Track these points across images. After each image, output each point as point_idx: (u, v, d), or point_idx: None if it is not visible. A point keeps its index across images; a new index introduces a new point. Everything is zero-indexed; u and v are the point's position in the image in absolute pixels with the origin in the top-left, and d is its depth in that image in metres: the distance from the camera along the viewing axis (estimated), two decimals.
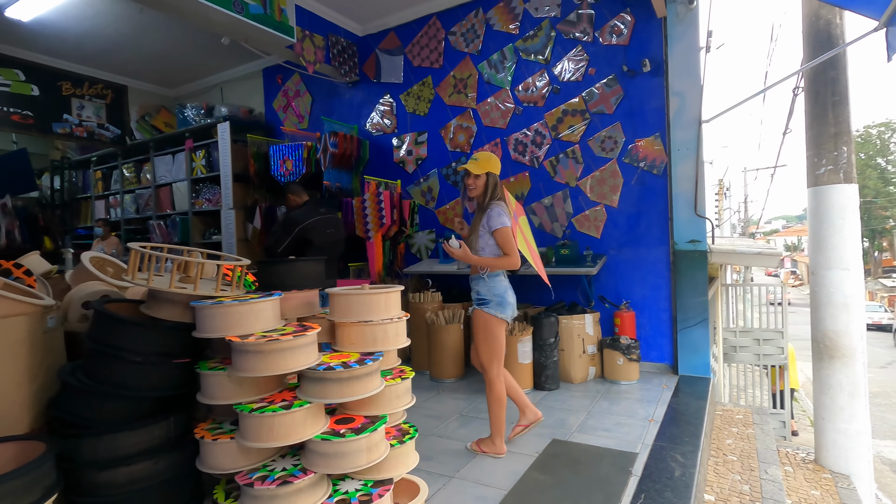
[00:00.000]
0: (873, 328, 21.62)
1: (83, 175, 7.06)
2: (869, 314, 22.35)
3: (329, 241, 3.17)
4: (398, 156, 4.76)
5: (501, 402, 2.32)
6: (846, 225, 3.09)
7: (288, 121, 5.52)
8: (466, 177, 2.32)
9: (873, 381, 9.82)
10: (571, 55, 3.88)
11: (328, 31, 4.58)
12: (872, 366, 11.68)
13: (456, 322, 3.67)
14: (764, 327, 5.03)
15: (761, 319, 5.03)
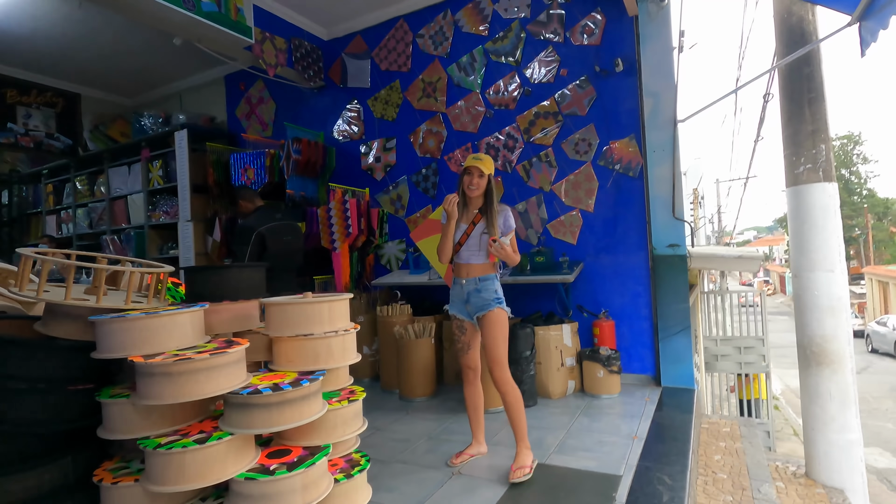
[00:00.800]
0: None
1: (34, 189, 6.65)
2: None
3: (286, 250, 2.92)
4: (366, 163, 4.55)
5: (522, 404, 2.24)
6: (828, 225, 2.98)
7: (251, 128, 5.27)
8: (469, 174, 2.22)
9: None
10: (542, 56, 3.75)
11: (291, 33, 4.38)
12: None
13: (426, 336, 3.44)
14: (744, 335, 4.93)
15: (741, 327, 4.94)
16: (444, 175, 4.17)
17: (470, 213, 2.28)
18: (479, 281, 2.25)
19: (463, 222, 2.27)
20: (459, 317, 2.31)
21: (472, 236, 2.25)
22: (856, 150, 31.07)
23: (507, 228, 2.26)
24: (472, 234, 2.25)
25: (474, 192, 2.21)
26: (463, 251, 2.26)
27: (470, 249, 2.25)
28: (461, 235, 2.26)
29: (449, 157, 4.14)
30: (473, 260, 2.25)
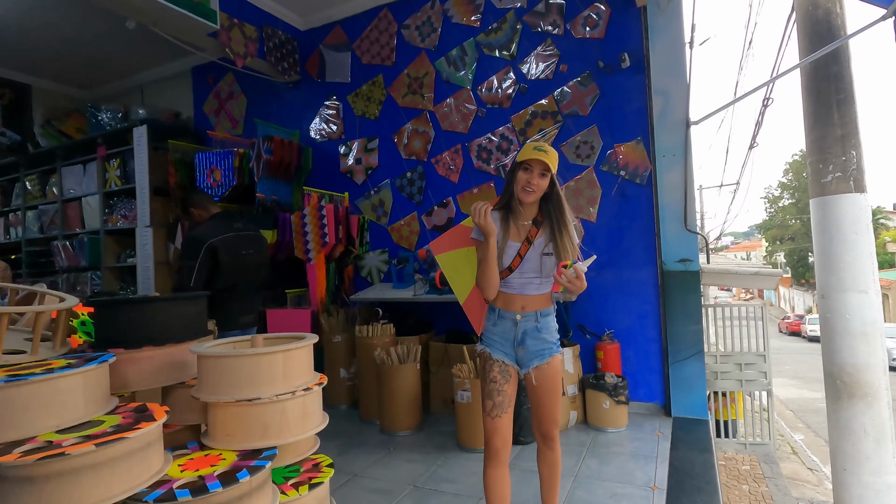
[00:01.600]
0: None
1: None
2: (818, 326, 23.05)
3: (245, 266, 2.50)
4: (345, 164, 4.15)
5: None
6: (860, 240, 2.71)
7: (220, 125, 4.83)
8: (527, 171, 1.66)
9: None
10: (540, 50, 3.41)
11: (262, 21, 3.97)
12: None
13: (411, 361, 3.06)
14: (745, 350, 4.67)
15: (741, 342, 4.67)
16: (431, 179, 3.80)
17: (520, 225, 1.71)
18: (539, 317, 1.71)
19: (512, 239, 1.70)
20: (506, 362, 1.71)
21: (527, 259, 1.68)
22: None
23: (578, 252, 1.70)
24: (527, 257, 1.68)
25: (531, 195, 1.65)
26: (514, 279, 1.70)
27: (525, 276, 1.70)
28: (513, 258, 1.68)
29: (436, 160, 3.77)
30: (531, 290, 1.70)
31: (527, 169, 1.66)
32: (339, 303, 3.92)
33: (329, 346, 3.58)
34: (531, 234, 1.70)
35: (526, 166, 1.66)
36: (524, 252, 1.69)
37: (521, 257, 1.69)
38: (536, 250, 1.70)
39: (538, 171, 1.65)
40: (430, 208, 3.79)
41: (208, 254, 2.30)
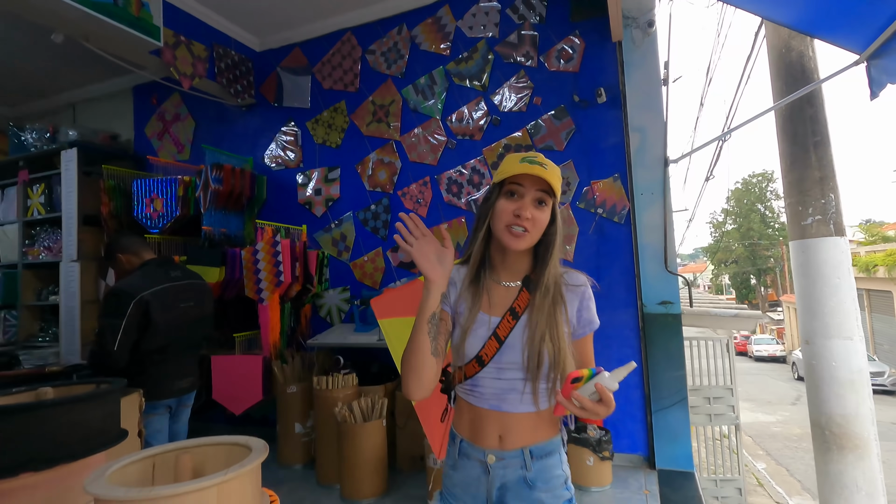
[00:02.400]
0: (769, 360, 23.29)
1: None
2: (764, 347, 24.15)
3: (183, 321, 2.14)
4: (304, 195, 3.85)
5: None
6: (842, 285, 2.67)
7: (163, 150, 4.42)
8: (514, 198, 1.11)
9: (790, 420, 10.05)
10: (513, 82, 3.28)
11: (214, 40, 3.66)
12: (782, 402, 12.14)
13: (376, 417, 2.74)
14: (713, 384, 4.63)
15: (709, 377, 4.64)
16: (398, 212, 3.54)
17: (499, 287, 1.16)
18: (530, 459, 1.07)
19: (484, 309, 1.13)
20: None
21: (509, 347, 1.10)
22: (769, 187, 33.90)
23: (590, 323, 1.17)
24: (509, 342, 1.10)
25: (522, 239, 1.09)
26: (484, 380, 1.11)
27: (506, 376, 1.09)
28: (484, 342, 1.10)
29: (403, 193, 3.53)
30: (516, 405, 1.09)
31: (512, 194, 1.09)
32: (294, 346, 3.56)
33: (283, 398, 3.20)
34: (519, 301, 1.11)
35: (511, 189, 1.09)
36: (505, 333, 1.09)
37: (499, 342, 1.08)
38: (527, 331, 1.09)
39: (532, 195, 1.08)
40: (397, 244, 3.53)
41: (138, 310, 1.94)
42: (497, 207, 1.11)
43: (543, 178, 1.06)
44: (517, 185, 1.10)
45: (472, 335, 1.12)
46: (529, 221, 1.08)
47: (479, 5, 3.38)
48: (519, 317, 1.12)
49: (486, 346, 1.10)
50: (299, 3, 3.57)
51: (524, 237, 1.09)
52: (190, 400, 2.24)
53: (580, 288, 1.18)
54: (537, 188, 1.10)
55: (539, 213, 1.10)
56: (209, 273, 3.38)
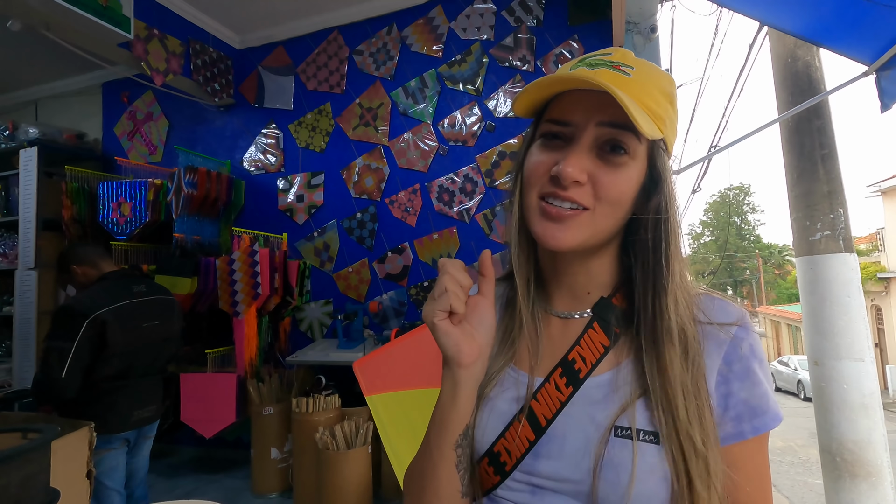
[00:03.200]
0: None
1: None
2: None
3: (146, 343, 1.91)
4: (285, 202, 3.62)
5: None
6: (853, 303, 2.57)
7: (134, 151, 4.14)
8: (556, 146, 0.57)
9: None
10: (509, 87, 3.14)
11: (190, 35, 3.44)
12: None
13: (360, 443, 2.53)
14: None
15: None
16: (385, 221, 3.35)
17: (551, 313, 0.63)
18: None
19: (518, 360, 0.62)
20: None
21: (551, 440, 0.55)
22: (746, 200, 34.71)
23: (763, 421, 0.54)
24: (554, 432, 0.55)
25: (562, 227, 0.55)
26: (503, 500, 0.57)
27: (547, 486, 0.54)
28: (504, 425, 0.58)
29: (391, 200, 3.34)
30: None
31: (552, 137, 0.57)
32: (272, 363, 3.32)
33: (258, 420, 2.96)
34: (584, 349, 0.58)
35: (548, 129, 0.58)
36: (549, 411, 0.56)
37: (536, 429, 0.56)
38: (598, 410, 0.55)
39: (592, 136, 0.55)
40: (384, 254, 3.33)
41: (92, 331, 1.70)
42: (526, 165, 0.59)
43: (615, 93, 0.48)
44: (555, 123, 0.56)
45: (489, 407, 0.59)
46: (582, 190, 0.53)
47: (473, 6, 3.23)
48: (581, 380, 0.56)
49: (509, 434, 0.56)
50: (283, 0, 3.38)
51: (573, 221, 0.54)
52: (152, 431, 2.00)
53: (730, 331, 0.56)
54: (601, 119, 0.53)
55: (609, 169, 0.54)
56: (180, 284, 3.13)
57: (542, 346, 0.61)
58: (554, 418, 0.56)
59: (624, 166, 0.55)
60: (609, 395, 0.55)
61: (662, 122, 0.56)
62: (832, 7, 2.25)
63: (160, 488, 3.08)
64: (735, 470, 0.53)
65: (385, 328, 3.21)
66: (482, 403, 0.59)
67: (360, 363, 1.12)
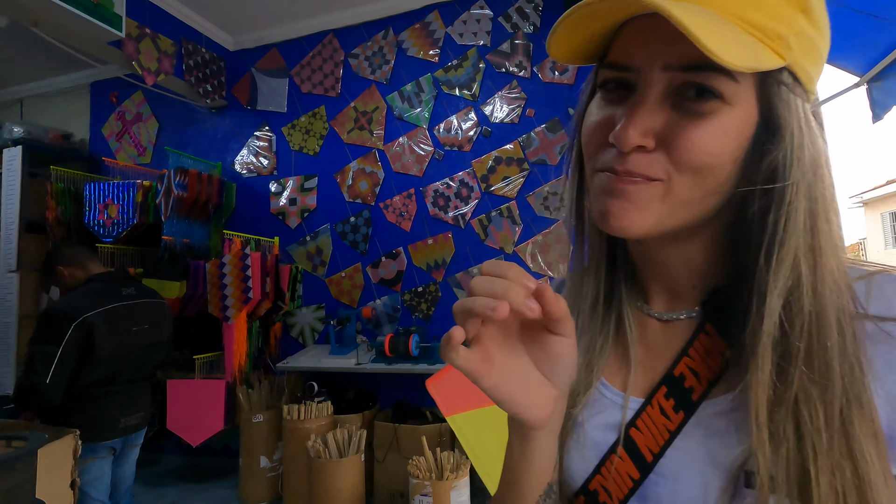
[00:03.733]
0: None
1: None
2: None
3: (134, 347, 1.85)
4: (277, 205, 3.57)
5: None
6: None
7: (122, 152, 4.07)
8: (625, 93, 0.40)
9: None
10: (505, 92, 3.13)
11: (183, 35, 3.39)
12: None
13: (353, 451, 2.48)
14: None
15: None
16: (379, 226, 3.32)
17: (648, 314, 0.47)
18: None
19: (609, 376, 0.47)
20: None
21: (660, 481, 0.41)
22: None
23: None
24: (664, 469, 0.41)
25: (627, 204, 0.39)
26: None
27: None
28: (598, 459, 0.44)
29: (386, 205, 3.31)
30: None
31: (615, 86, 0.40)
32: (262, 370, 3.25)
33: (247, 428, 2.89)
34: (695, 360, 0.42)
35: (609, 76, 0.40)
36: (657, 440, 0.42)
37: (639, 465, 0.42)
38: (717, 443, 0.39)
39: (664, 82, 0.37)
40: (377, 259, 3.30)
41: (80, 335, 1.63)
42: (584, 128, 0.45)
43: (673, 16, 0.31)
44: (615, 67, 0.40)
45: (578, 438, 0.47)
46: (650, 157, 0.38)
47: (470, 12, 3.24)
48: (695, 404, 0.42)
49: (605, 470, 0.45)
50: (278, 2, 3.35)
51: (636, 198, 0.39)
52: (139, 439, 1.93)
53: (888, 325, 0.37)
54: (667, 61, 0.37)
55: (688, 124, 0.37)
56: (168, 288, 3.07)
57: (644, 355, 0.47)
58: (662, 453, 0.42)
59: (714, 115, 0.37)
60: (734, 424, 0.39)
61: (781, 40, 0.36)
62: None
63: (144, 498, 2.99)
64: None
65: (378, 334, 3.16)
66: (569, 430, 0.46)
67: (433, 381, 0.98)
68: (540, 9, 3.09)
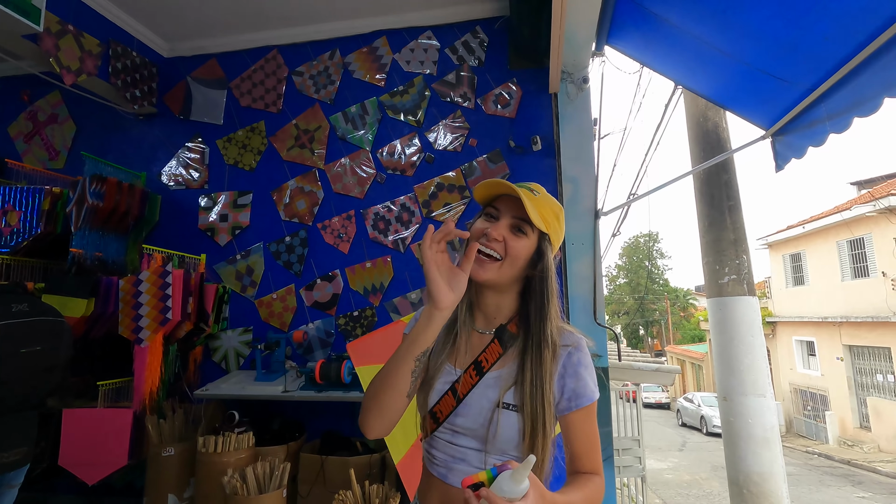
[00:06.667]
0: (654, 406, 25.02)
1: None
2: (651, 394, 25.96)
3: (23, 372, 1.63)
4: (206, 221, 3.38)
5: None
6: (755, 342, 2.80)
7: (31, 154, 3.71)
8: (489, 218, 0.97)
9: (679, 467, 10.65)
10: (449, 121, 3.19)
11: (111, 36, 3.19)
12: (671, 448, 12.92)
13: (275, 487, 2.30)
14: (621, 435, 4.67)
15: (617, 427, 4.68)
16: (317, 247, 3.22)
17: (470, 331, 1.01)
18: None
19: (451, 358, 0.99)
20: None
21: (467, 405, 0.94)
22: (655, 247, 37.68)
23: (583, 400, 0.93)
24: (468, 401, 0.94)
25: (485, 269, 0.93)
26: (438, 441, 0.97)
27: (458, 442, 0.95)
28: (442, 395, 0.95)
29: (324, 226, 3.22)
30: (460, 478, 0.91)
31: (491, 215, 0.95)
32: (177, 398, 2.99)
33: (156, 462, 2.62)
34: (487, 354, 0.95)
35: (488, 211, 0.97)
36: (464, 390, 0.93)
37: (455, 399, 0.93)
38: (489, 391, 0.93)
39: (507, 222, 0.93)
40: (312, 281, 3.18)
41: None
42: (472, 229, 0.97)
43: (523, 199, 0.90)
44: (493, 207, 0.98)
45: (433, 387, 0.97)
46: (500, 244, 0.92)
47: (417, 41, 3.30)
48: (484, 373, 0.96)
49: (442, 402, 0.96)
50: (221, 12, 3.25)
51: (490, 265, 0.92)
52: (18, 478, 1.67)
53: (566, 349, 0.96)
54: (514, 214, 0.95)
55: (514, 239, 0.93)
56: (73, 305, 2.77)
57: (468, 349, 1.00)
58: (466, 394, 0.95)
59: (523, 239, 0.95)
60: (497, 382, 0.95)
61: (548, 224, 0.96)
62: (734, 75, 2.54)
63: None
64: (572, 431, 0.94)
65: (309, 360, 3.02)
66: (430, 383, 0.97)
67: (352, 344, 1.55)
68: (485, 44, 3.21)
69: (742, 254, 2.98)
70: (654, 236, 37.91)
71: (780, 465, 2.76)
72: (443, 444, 0.96)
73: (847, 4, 1.76)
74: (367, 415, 0.92)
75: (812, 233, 14.14)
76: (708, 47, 2.42)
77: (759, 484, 2.72)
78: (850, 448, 12.45)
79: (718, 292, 2.98)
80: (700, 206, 3.16)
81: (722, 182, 3.06)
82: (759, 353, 2.82)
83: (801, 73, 2.15)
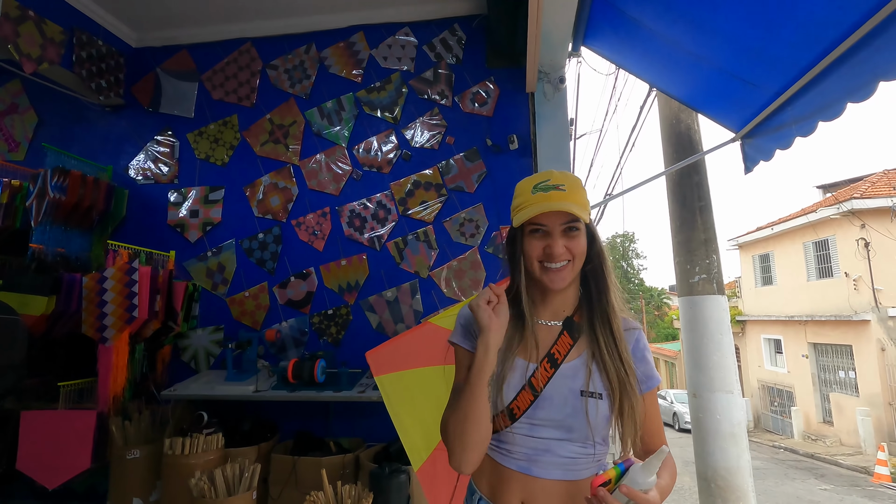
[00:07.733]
0: None
1: None
2: None
3: None
4: (176, 216, 3.28)
5: None
6: (724, 341, 2.86)
7: None
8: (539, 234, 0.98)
9: None
10: (426, 118, 3.17)
11: (76, 23, 3.07)
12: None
13: (244, 489, 2.26)
14: None
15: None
16: (291, 245, 3.16)
17: (536, 328, 1.01)
18: None
19: (521, 355, 0.99)
20: None
21: (547, 398, 0.95)
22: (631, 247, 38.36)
23: (653, 382, 1.00)
24: (546, 393, 0.95)
25: (562, 276, 0.97)
26: (517, 436, 0.96)
27: (541, 433, 0.95)
28: (517, 392, 0.96)
29: (298, 223, 3.17)
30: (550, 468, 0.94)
31: (536, 231, 0.97)
32: (144, 398, 2.90)
33: (120, 465, 2.54)
34: (559, 347, 0.97)
35: (534, 227, 0.96)
36: (540, 383, 0.95)
37: (534, 393, 0.94)
38: (568, 381, 0.96)
39: (559, 228, 0.95)
40: (286, 279, 3.12)
41: None
42: (526, 249, 1.00)
43: (563, 209, 0.94)
44: (537, 222, 0.98)
45: (506, 383, 0.97)
46: (564, 255, 0.97)
47: (395, 37, 3.27)
48: (558, 365, 0.98)
49: (520, 398, 0.96)
50: (192, 2, 3.16)
51: (565, 270, 0.97)
52: None
53: (634, 332, 1.05)
54: (562, 221, 0.97)
55: (572, 241, 0.97)
56: (32, 303, 2.66)
57: (537, 343, 1.01)
58: (543, 387, 0.97)
59: (578, 236, 0.99)
60: (576, 372, 0.98)
61: (587, 208, 1.01)
62: (706, 78, 2.58)
63: None
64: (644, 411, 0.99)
65: (282, 359, 2.97)
66: (502, 380, 0.97)
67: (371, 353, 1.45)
68: (463, 42, 3.20)
69: (712, 253, 3.05)
70: (630, 236, 38.57)
71: (746, 460, 2.84)
72: (521, 439, 0.96)
73: (811, 12, 1.81)
74: (463, 455, 0.91)
75: (780, 234, 14.59)
76: (680, 50, 2.46)
77: (726, 478, 2.80)
78: (813, 442, 12.91)
79: (689, 291, 3.05)
80: (672, 207, 3.22)
81: (693, 183, 3.13)
82: (728, 350, 2.89)
83: (768, 77, 2.20)
